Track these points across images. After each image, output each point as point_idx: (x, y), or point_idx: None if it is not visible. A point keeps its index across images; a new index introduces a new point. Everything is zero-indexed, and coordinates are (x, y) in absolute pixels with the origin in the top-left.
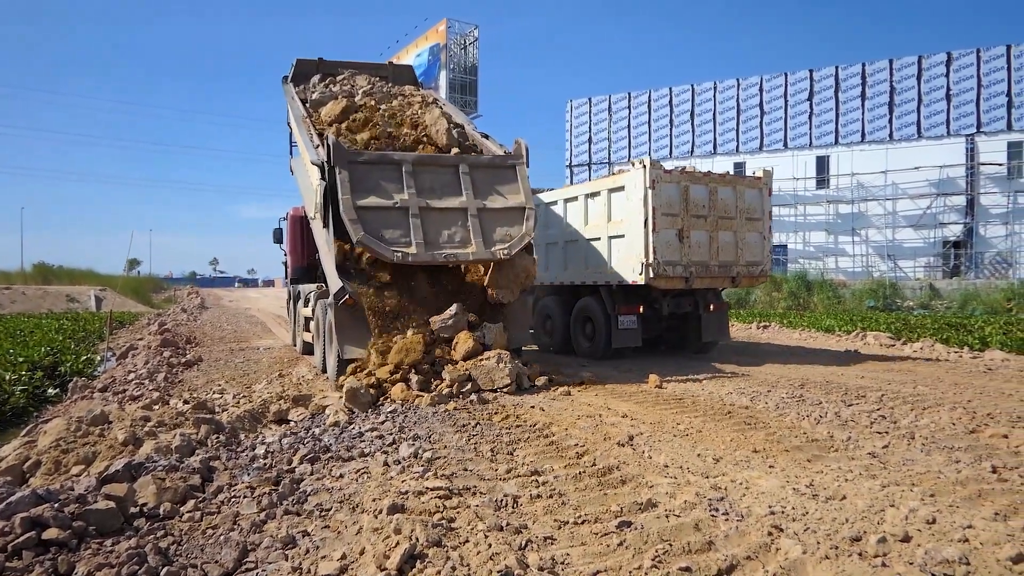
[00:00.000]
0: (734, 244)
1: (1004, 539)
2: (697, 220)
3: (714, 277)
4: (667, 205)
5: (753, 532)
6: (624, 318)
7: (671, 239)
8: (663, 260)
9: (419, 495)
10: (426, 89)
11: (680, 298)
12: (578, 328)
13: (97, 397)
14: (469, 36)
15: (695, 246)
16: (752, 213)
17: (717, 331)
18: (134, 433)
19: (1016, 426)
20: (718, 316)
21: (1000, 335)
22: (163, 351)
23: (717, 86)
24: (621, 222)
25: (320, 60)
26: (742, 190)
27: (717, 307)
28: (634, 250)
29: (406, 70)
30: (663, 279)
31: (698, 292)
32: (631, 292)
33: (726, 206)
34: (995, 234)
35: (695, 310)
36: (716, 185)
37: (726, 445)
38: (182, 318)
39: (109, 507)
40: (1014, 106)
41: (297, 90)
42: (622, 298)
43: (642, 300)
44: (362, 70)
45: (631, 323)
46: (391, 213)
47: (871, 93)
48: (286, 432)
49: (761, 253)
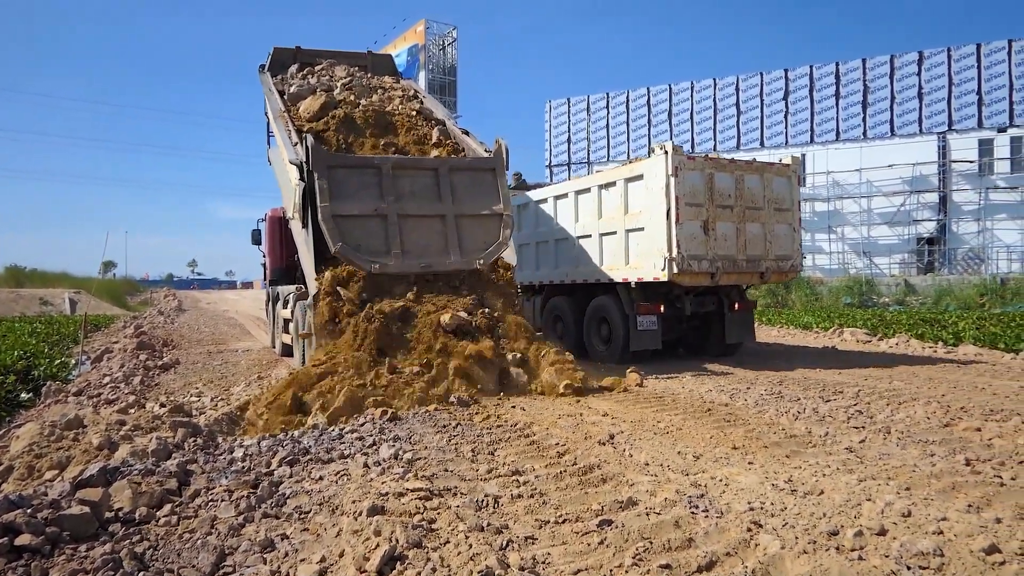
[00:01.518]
0: (762, 237)
1: (977, 531)
2: (723, 211)
3: (741, 273)
4: (691, 194)
5: (732, 528)
6: (643, 318)
7: (695, 231)
8: (687, 254)
9: (399, 496)
10: (406, 80)
11: (703, 296)
12: (592, 330)
13: (71, 401)
14: (448, 37)
15: (721, 239)
16: (781, 203)
17: (742, 332)
18: (109, 437)
19: (989, 419)
20: (743, 316)
21: (973, 330)
22: (139, 354)
23: (694, 86)
24: (640, 214)
25: (298, 49)
26: (770, 178)
27: (742, 306)
28: (655, 244)
29: (385, 60)
30: (687, 275)
31: (722, 290)
32: (650, 290)
33: (753, 196)
34: (967, 230)
35: (718, 309)
36: (743, 173)
37: (706, 442)
38: (159, 321)
39: (83, 512)
40: (984, 104)
41: (275, 80)
42: (641, 296)
43: (663, 299)
44: (340, 60)
45: (651, 324)
46: (370, 222)
47: (845, 92)
48: (265, 435)
49: (791, 246)
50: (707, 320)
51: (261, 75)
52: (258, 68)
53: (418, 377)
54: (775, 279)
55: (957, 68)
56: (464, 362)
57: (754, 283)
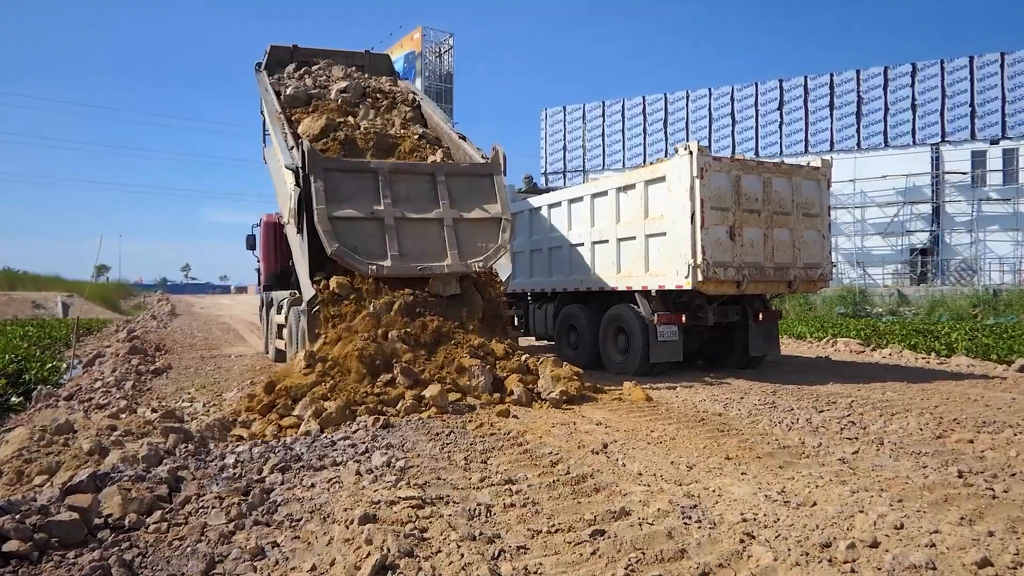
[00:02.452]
0: (791, 243)
1: (970, 544)
2: (750, 215)
3: (769, 281)
4: (717, 197)
5: (725, 539)
6: (664, 328)
7: (721, 236)
8: (713, 261)
9: (391, 505)
10: (403, 80)
11: (726, 306)
12: (609, 340)
13: (62, 406)
14: (444, 44)
15: (748, 245)
16: (810, 208)
17: (767, 344)
18: (100, 442)
19: (981, 431)
20: (768, 326)
21: (966, 341)
22: (131, 358)
23: (689, 95)
24: (662, 218)
25: (295, 47)
26: (799, 182)
27: (767, 316)
28: (678, 249)
29: (383, 59)
30: (713, 283)
31: (746, 299)
32: (672, 298)
33: (781, 200)
34: (960, 241)
35: (742, 319)
36: (771, 175)
37: (699, 452)
38: (152, 325)
39: (72, 518)
40: (977, 116)
41: (271, 80)
42: (661, 305)
43: (685, 308)
44: (337, 59)
45: (672, 334)
46: (367, 224)
47: (839, 103)
48: (257, 441)
49: (821, 254)
50: (729, 331)
51: (257, 74)
52: (254, 66)
53: (413, 388)
54: (803, 289)
55: (950, 80)
56: (459, 371)
57: (781, 292)
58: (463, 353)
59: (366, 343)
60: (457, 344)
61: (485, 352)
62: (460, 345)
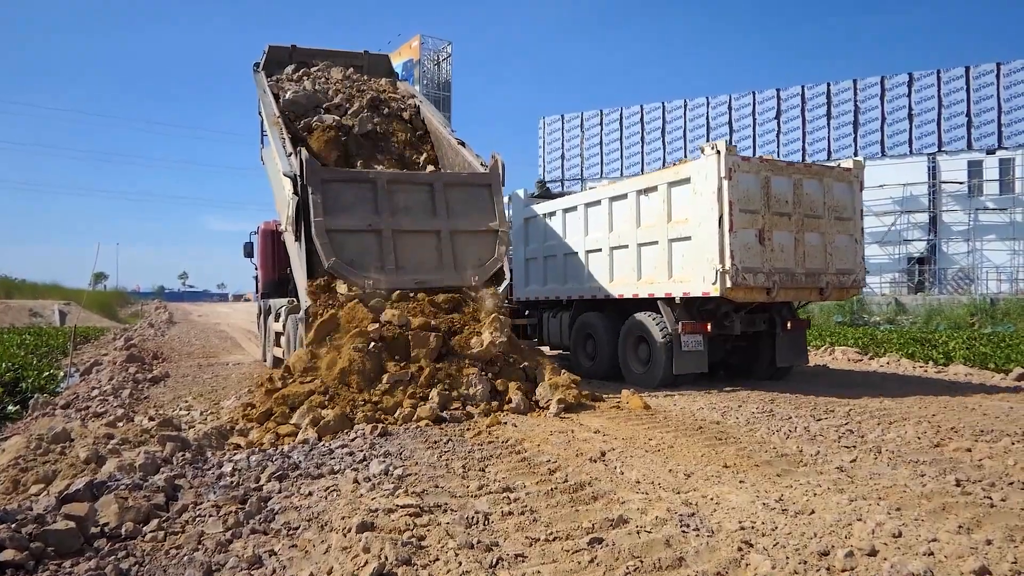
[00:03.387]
0: (822, 248)
1: (968, 552)
2: (780, 219)
3: (800, 288)
4: (745, 200)
5: (723, 548)
6: (688, 338)
7: (750, 241)
8: (742, 266)
9: (389, 513)
10: (402, 82)
11: (754, 314)
12: (629, 350)
13: (59, 414)
14: (443, 52)
15: (778, 250)
16: (842, 211)
17: (795, 354)
18: (97, 451)
19: (979, 440)
20: (796, 335)
21: (963, 350)
22: (129, 367)
23: (687, 104)
24: (686, 221)
25: (293, 47)
26: (830, 183)
27: (795, 325)
28: (704, 254)
29: (382, 60)
30: (742, 290)
31: (773, 307)
32: (696, 306)
33: (812, 202)
34: (957, 251)
35: (769, 328)
36: (801, 176)
37: (697, 460)
38: (149, 333)
39: (69, 527)
40: (973, 126)
41: (269, 82)
42: (685, 314)
43: (710, 316)
44: (336, 59)
45: (696, 344)
46: (364, 236)
47: (836, 112)
48: (254, 449)
49: (853, 259)
50: (755, 340)
51: (256, 74)
52: (253, 66)
53: (411, 395)
54: (836, 296)
55: (947, 90)
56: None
57: (812, 300)
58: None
59: (358, 354)
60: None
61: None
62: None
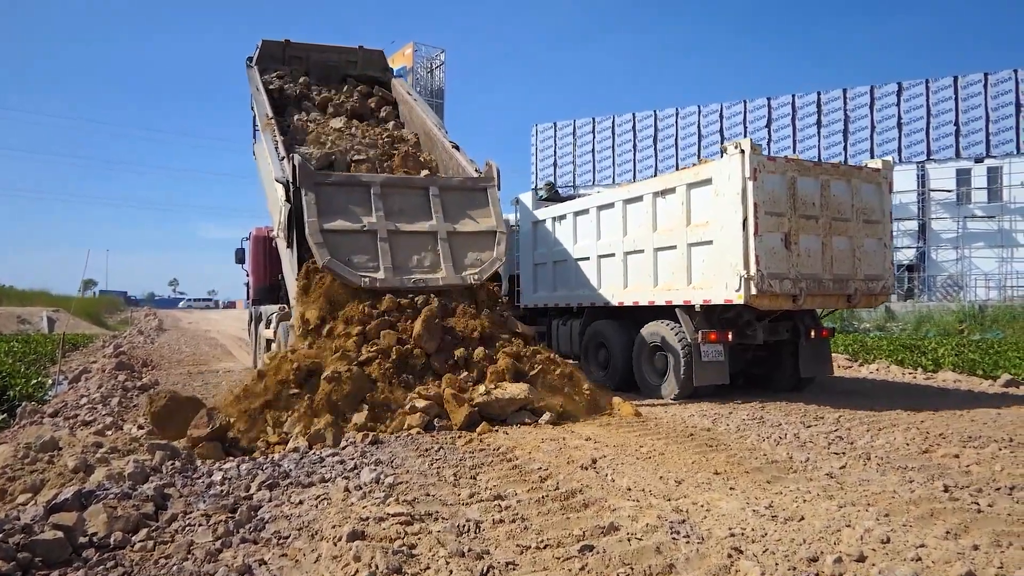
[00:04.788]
0: (850, 252)
1: (955, 557)
2: (806, 222)
3: (827, 295)
4: (771, 202)
5: (713, 554)
6: (709, 347)
7: (776, 245)
8: (767, 272)
9: (380, 521)
10: (397, 78)
11: (777, 322)
12: (644, 360)
13: (47, 422)
14: (436, 60)
15: (804, 255)
16: (870, 214)
17: (819, 364)
18: (85, 460)
19: (967, 446)
20: (820, 345)
21: (952, 356)
22: (118, 374)
23: (679, 112)
24: (707, 225)
25: (287, 42)
26: (857, 184)
27: (821, 333)
28: (727, 260)
29: (377, 55)
30: (767, 297)
31: (796, 315)
32: (717, 314)
33: (840, 205)
34: (946, 258)
35: (792, 337)
36: (828, 178)
37: (688, 467)
38: (138, 340)
39: (57, 537)
40: (962, 135)
41: (264, 79)
42: (705, 322)
43: (731, 324)
44: (331, 54)
45: (717, 354)
46: (359, 236)
47: (826, 121)
48: (245, 458)
49: (882, 265)
50: (777, 350)
51: (249, 69)
52: (246, 61)
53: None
54: (864, 303)
55: (935, 99)
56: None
57: (840, 307)
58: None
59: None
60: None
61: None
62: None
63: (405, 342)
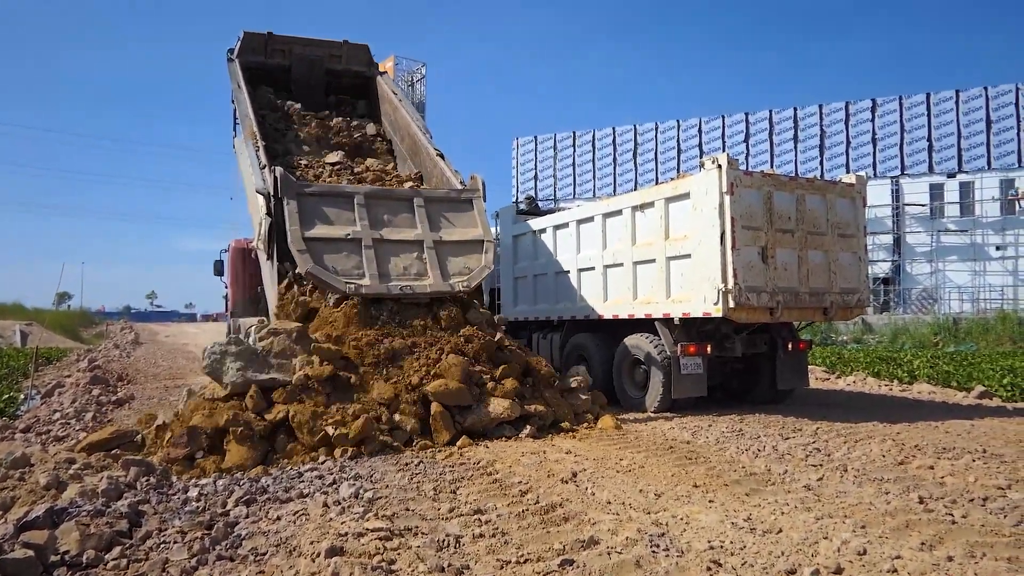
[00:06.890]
0: (826, 266)
1: (930, 569)
2: (783, 236)
3: (803, 308)
4: (748, 216)
5: (693, 567)
6: (688, 360)
7: (753, 259)
8: (745, 286)
9: (359, 537)
10: (382, 76)
11: (755, 335)
12: (624, 373)
13: (19, 438)
14: (416, 73)
15: (781, 268)
16: (845, 228)
17: (796, 376)
18: (58, 476)
19: (941, 457)
20: (798, 357)
21: (927, 368)
22: (92, 388)
23: (658, 127)
24: (685, 238)
25: (270, 35)
26: (832, 199)
27: (796, 346)
28: (705, 273)
29: (361, 50)
30: (745, 310)
31: (773, 328)
32: (695, 327)
33: (815, 219)
34: (921, 271)
35: (770, 350)
36: (804, 192)
37: (667, 480)
38: (114, 354)
39: (27, 556)
40: (935, 150)
41: (245, 74)
42: (684, 335)
43: (709, 337)
44: (315, 48)
45: (696, 367)
46: (343, 244)
47: (803, 136)
48: (222, 473)
49: (858, 278)
50: (754, 362)
51: (229, 63)
52: (226, 54)
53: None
54: (840, 316)
55: (908, 116)
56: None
57: (816, 320)
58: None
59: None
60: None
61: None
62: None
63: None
